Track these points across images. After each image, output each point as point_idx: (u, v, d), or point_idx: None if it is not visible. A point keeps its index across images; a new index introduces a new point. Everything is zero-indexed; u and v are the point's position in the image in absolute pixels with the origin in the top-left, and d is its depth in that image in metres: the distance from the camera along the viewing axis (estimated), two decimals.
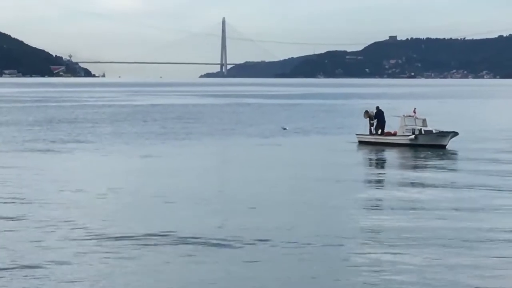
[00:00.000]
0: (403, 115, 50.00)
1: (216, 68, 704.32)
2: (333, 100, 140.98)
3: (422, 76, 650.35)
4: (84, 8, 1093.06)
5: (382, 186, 31.69)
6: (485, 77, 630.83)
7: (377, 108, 51.29)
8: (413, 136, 47.66)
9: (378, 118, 50.65)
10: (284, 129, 62.62)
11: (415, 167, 38.66)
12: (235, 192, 29.67)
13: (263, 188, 30.24)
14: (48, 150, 45.94)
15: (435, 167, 38.15)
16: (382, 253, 19.09)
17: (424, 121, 48.95)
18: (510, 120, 78.27)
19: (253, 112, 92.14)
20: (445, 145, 47.04)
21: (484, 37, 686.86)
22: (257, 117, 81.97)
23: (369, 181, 33.33)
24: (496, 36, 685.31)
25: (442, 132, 48.07)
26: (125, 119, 76.62)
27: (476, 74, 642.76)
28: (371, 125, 50.80)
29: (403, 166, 39.41)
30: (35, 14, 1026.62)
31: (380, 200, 27.41)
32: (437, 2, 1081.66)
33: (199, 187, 30.56)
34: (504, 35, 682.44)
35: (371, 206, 26.15)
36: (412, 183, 32.29)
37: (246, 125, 67.97)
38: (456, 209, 25.21)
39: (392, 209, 25.36)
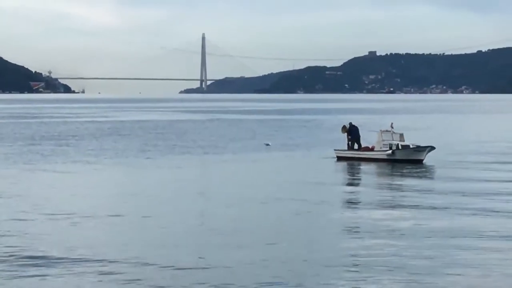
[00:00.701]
0: (381, 130, 50.65)
1: (196, 84, 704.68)
2: (314, 115, 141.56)
3: (402, 91, 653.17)
4: (63, 24, 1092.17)
5: (359, 207, 31.10)
6: (464, 92, 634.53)
7: (350, 124, 52.07)
8: (390, 152, 48.14)
9: (352, 133, 51.55)
10: (267, 145, 63.01)
11: (391, 185, 38.49)
12: (212, 214, 29.43)
13: (242, 210, 29.87)
14: (32, 167, 46.27)
15: (411, 184, 38.12)
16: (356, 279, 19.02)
17: (401, 135, 49.51)
18: (487, 134, 79.00)
19: (235, 128, 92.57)
20: (422, 160, 47.69)
21: (463, 52, 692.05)
22: (239, 133, 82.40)
23: (347, 201, 33.08)
24: (475, 51, 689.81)
25: (419, 147, 48.67)
26: (109, 135, 76.92)
27: (456, 89, 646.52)
28: (349, 139, 51.72)
29: (380, 184, 39.29)
30: (14, 31, 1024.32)
31: (356, 221, 26.83)
32: (416, 18, 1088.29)
33: (177, 207, 30.64)
34: (483, 50, 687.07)
35: (348, 228, 25.68)
36: (389, 202, 31.97)
37: (229, 141, 68.28)
38: (431, 231, 24.88)
39: (369, 231, 24.82)
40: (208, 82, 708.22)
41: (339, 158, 50.70)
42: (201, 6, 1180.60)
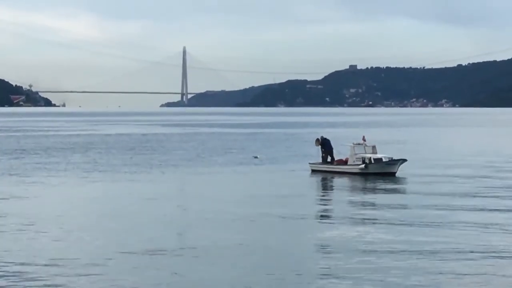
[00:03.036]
0: (353, 143, 51.42)
1: (177, 97, 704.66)
2: (298, 129, 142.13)
3: (382, 105, 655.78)
4: (44, 37, 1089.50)
5: (332, 223, 31.14)
6: (444, 105, 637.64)
7: (322, 137, 53.32)
8: (363, 166, 48.99)
9: (324, 146, 52.69)
10: (255, 157, 64.00)
11: (365, 200, 38.44)
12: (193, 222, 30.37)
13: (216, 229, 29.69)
14: (25, 180, 47.06)
15: (384, 199, 38.36)
16: None
17: (373, 148, 50.47)
18: (463, 148, 79.96)
19: (222, 141, 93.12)
20: (395, 173, 48.68)
21: (443, 66, 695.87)
22: (227, 146, 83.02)
23: (321, 217, 33.31)
24: (455, 65, 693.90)
25: (392, 160, 49.61)
26: (95, 149, 77.53)
27: (436, 103, 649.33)
28: (323, 152, 52.80)
29: (354, 199, 38.92)
30: None
31: (330, 239, 27.00)
32: (396, 31, 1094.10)
33: (162, 219, 31.12)
34: (463, 64, 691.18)
35: (322, 245, 25.76)
36: (362, 218, 32.14)
37: (218, 155, 68.96)
38: (406, 246, 25.20)
39: (346, 250, 24.80)
40: (189, 96, 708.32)
41: (313, 171, 51.89)
42: (182, 20, 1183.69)
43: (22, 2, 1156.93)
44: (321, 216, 33.48)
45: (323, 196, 42.12)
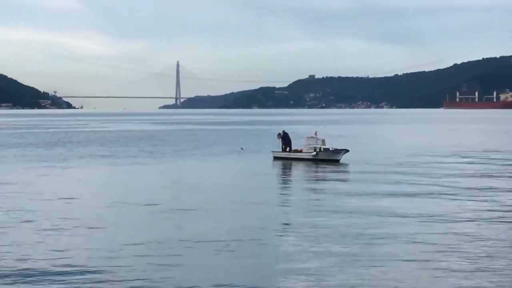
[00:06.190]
0: (307, 137, 52.49)
1: (172, 101, 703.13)
2: (274, 126, 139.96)
3: (335, 107, 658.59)
4: (66, 53, 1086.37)
5: (290, 194, 31.38)
6: (384, 107, 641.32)
7: (283, 131, 53.52)
8: (314, 153, 49.59)
9: (285, 139, 52.93)
10: (242, 149, 63.25)
11: (316, 178, 39.09)
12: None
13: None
14: (56, 166, 46.62)
15: (331, 177, 38.71)
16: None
17: (323, 141, 51.05)
18: (397, 140, 79.67)
19: (212, 136, 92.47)
20: (339, 160, 48.80)
21: (383, 75, 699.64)
22: (217, 139, 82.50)
23: (279, 190, 33.41)
24: (393, 75, 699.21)
25: (337, 149, 49.91)
26: (113, 142, 76.90)
27: (378, 105, 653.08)
28: (283, 144, 52.90)
29: (307, 177, 39.48)
30: (25, 58, 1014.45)
31: (288, 203, 27.48)
32: (346, 49, 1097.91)
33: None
34: (399, 74, 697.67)
35: (280, 206, 26.20)
36: (313, 189, 32.92)
37: (211, 146, 68.51)
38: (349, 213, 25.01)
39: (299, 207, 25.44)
40: (182, 100, 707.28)
41: (275, 158, 51.99)
42: (175, 38, 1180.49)
43: (50, 26, 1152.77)
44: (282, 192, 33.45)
45: (281, 176, 41.65)
